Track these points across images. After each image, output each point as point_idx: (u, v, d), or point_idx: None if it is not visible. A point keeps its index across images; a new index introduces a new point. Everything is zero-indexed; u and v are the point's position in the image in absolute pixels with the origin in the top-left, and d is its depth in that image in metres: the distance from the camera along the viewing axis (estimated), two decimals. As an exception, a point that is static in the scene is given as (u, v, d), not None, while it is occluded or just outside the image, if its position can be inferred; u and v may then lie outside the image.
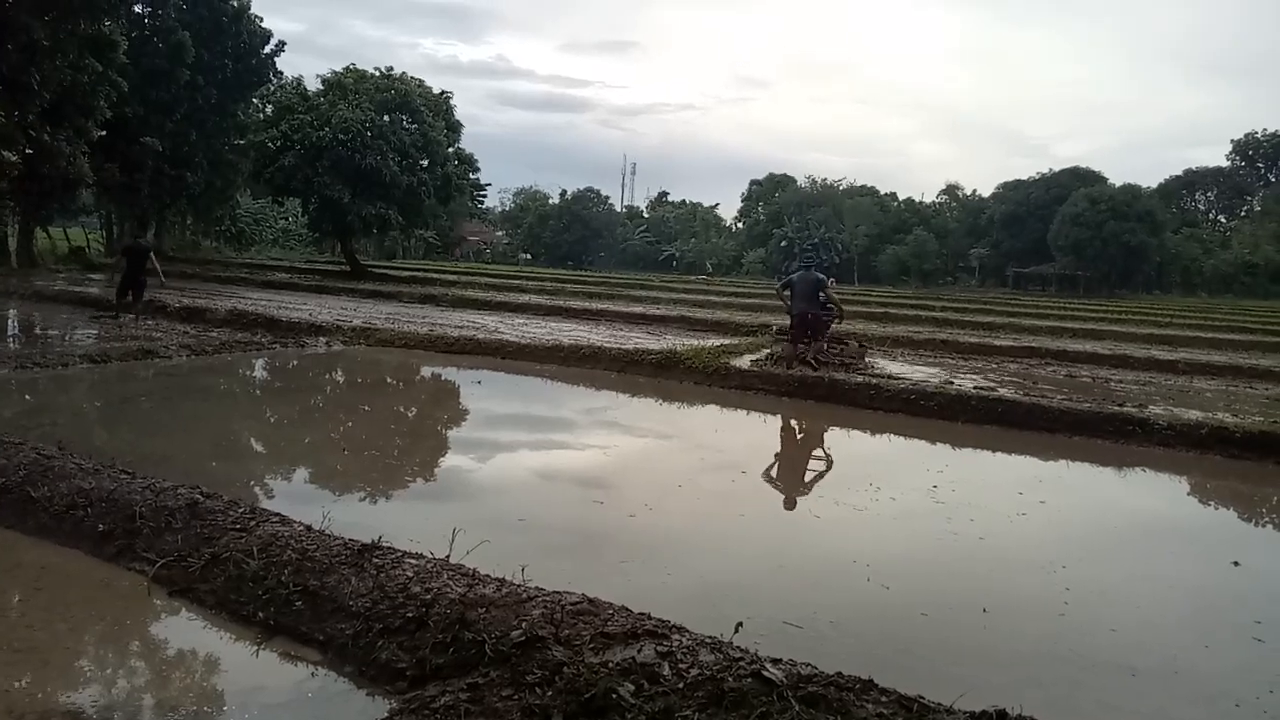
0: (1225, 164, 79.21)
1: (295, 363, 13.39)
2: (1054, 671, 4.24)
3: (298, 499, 6.20)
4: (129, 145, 27.51)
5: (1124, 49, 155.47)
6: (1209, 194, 77.58)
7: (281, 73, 33.32)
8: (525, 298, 26.09)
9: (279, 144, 30.83)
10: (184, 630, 4.14)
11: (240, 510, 4.97)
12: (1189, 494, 8.65)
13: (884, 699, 3.21)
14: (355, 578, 4.13)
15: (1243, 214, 74.84)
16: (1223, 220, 75.65)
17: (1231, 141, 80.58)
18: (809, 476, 8.44)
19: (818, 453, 9.83)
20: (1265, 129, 78.86)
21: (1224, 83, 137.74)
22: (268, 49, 32.33)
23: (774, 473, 8.47)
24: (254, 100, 33.57)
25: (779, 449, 9.90)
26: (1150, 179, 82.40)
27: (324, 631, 3.91)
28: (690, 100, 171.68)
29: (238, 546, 4.48)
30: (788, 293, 12.76)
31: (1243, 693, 4.06)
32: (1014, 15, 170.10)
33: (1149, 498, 8.35)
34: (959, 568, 5.74)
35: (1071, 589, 5.24)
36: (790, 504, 7.30)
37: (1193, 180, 76.17)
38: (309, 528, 4.75)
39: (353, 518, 5.38)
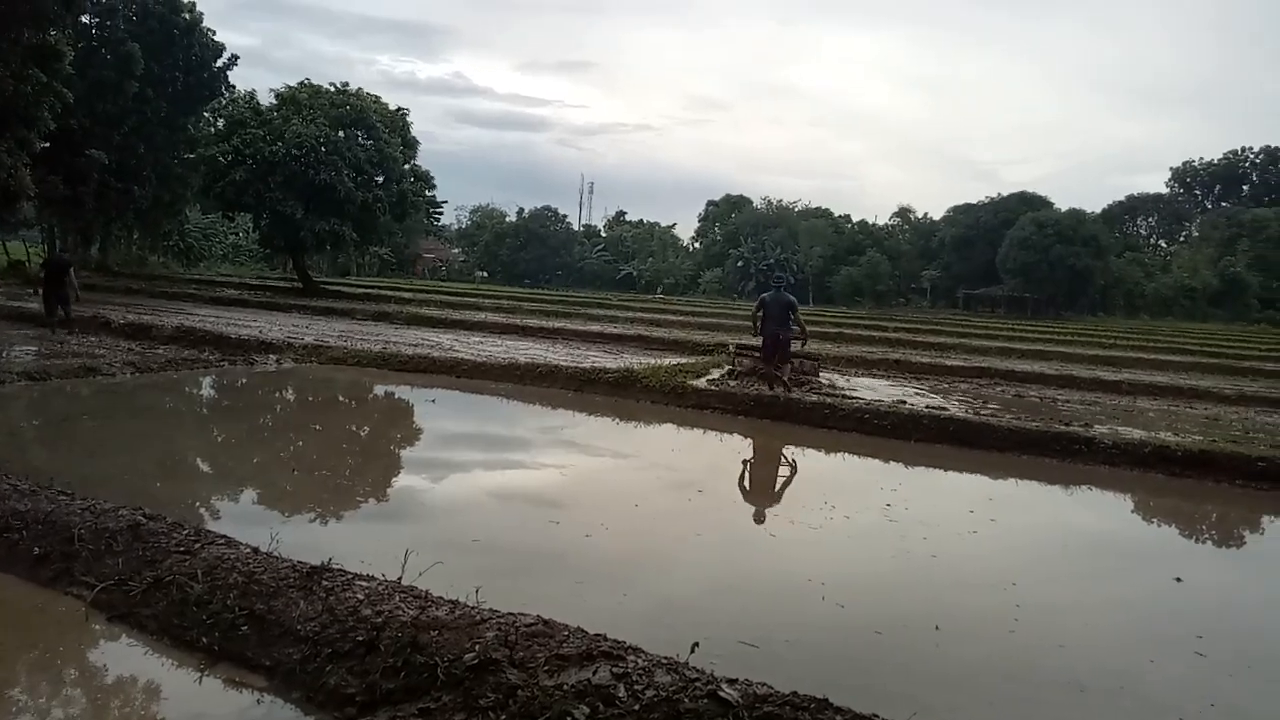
0: (1165, 190, 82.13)
1: (244, 381, 13.12)
2: (1005, 689, 4.30)
3: (245, 520, 6.06)
4: (74, 157, 26.85)
5: (1067, 80, 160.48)
6: (1150, 219, 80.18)
7: (234, 86, 32.86)
8: (481, 316, 25.93)
9: (230, 158, 30.35)
10: (124, 657, 4.00)
11: (185, 532, 4.84)
12: (1133, 511, 8.85)
13: (839, 718, 3.21)
14: (304, 601, 4.03)
15: (1182, 239, 77.41)
16: (1163, 245, 78.17)
17: (1170, 169, 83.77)
18: (769, 491, 8.47)
19: (775, 470, 9.88)
20: (1202, 157, 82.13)
21: (1162, 112, 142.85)
22: (220, 62, 31.87)
23: (730, 491, 8.48)
24: (205, 114, 33.01)
25: (736, 468, 9.93)
26: (1094, 204, 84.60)
27: (271, 657, 3.81)
28: (648, 121, 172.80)
29: (181, 569, 4.35)
30: (760, 314, 12.84)
31: (1186, 707, 4.14)
32: (962, 46, 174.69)
33: (1095, 515, 8.52)
34: (912, 586, 5.80)
35: (1021, 606, 5.32)
36: (747, 523, 7.31)
37: (1134, 206, 78.64)
38: (256, 550, 4.63)
39: (302, 539, 5.27)
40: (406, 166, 34.09)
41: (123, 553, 4.61)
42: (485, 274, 72.64)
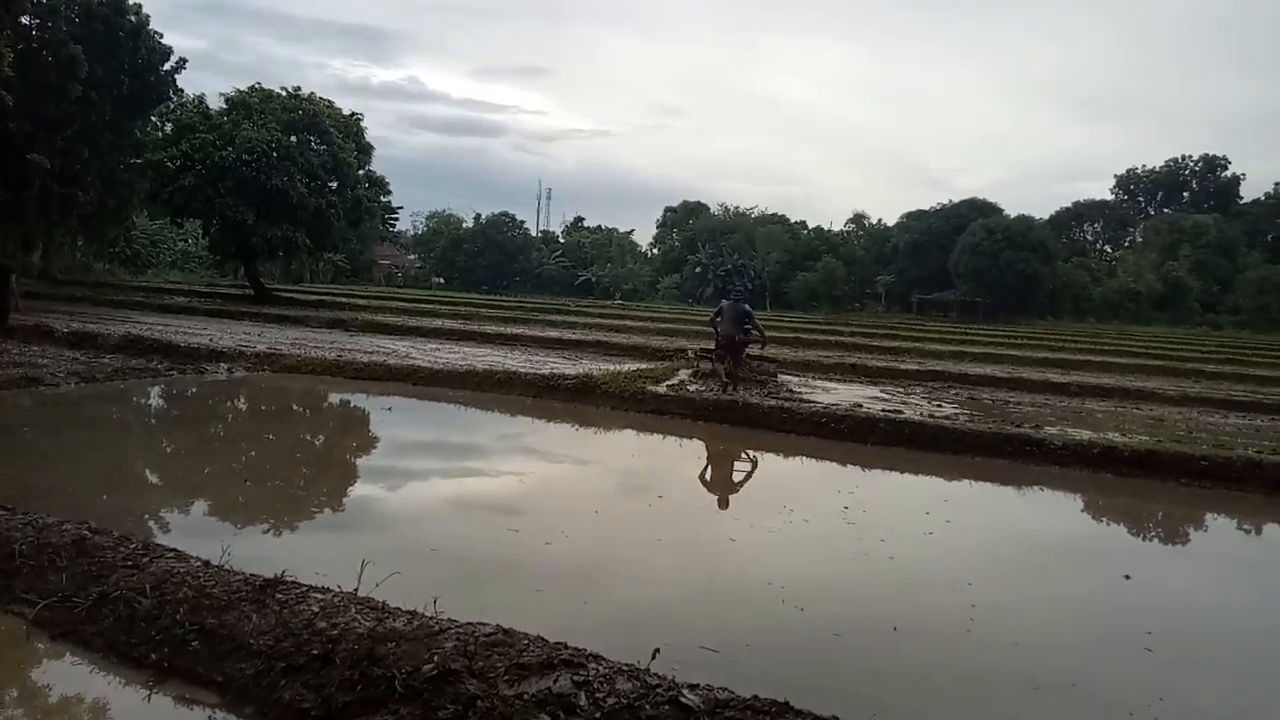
0: (1110, 197, 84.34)
1: (194, 390, 12.84)
2: (962, 688, 4.36)
3: (196, 533, 5.92)
4: (14, 161, 26.08)
5: (1014, 89, 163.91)
6: (1096, 225, 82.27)
7: (182, 90, 32.08)
8: (438, 322, 25.69)
9: (179, 163, 29.70)
10: (68, 675, 3.88)
11: (132, 546, 4.70)
12: (1083, 511, 9.05)
13: (800, 721, 3.23)
14: (257, 615, 3.95)
15: (1126, 244, 79.52)
16: (1109, 250, 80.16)
17: (1114, 176, 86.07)
18: (729, 496, 8.50)
19: (734, 475, 9.92)
20: (1145, 165, 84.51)
21: (1106, 120, 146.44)
22: (167, 66, 31.14)
23: (690, 496, 8.50)
24: (152, 118, 32.26)
25: (695, 473, 9.96)
26: (1042, 210, 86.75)
27: (222, 672, 3.72)
28: (605, 127, 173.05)
29: (128, 585, 4.23)
30: (719, 319, 14.04)
31: (1136, 702, 4.23)
32: (914, 55, 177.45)
33: (1046, 515, 8.70)
34: (870, 588, 5.86)
35: (977, 605, 5.40)
36: (707, 528, 7.33)
37: (1081, 212, 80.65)
38: (207, 563, 4.53)
39: (255, 552, 5.16)
40: (361, 172, 33.66)
41: (66, 568, 4.47)
42: (442, 280, 72.03)
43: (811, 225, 74.97)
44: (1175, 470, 9.55)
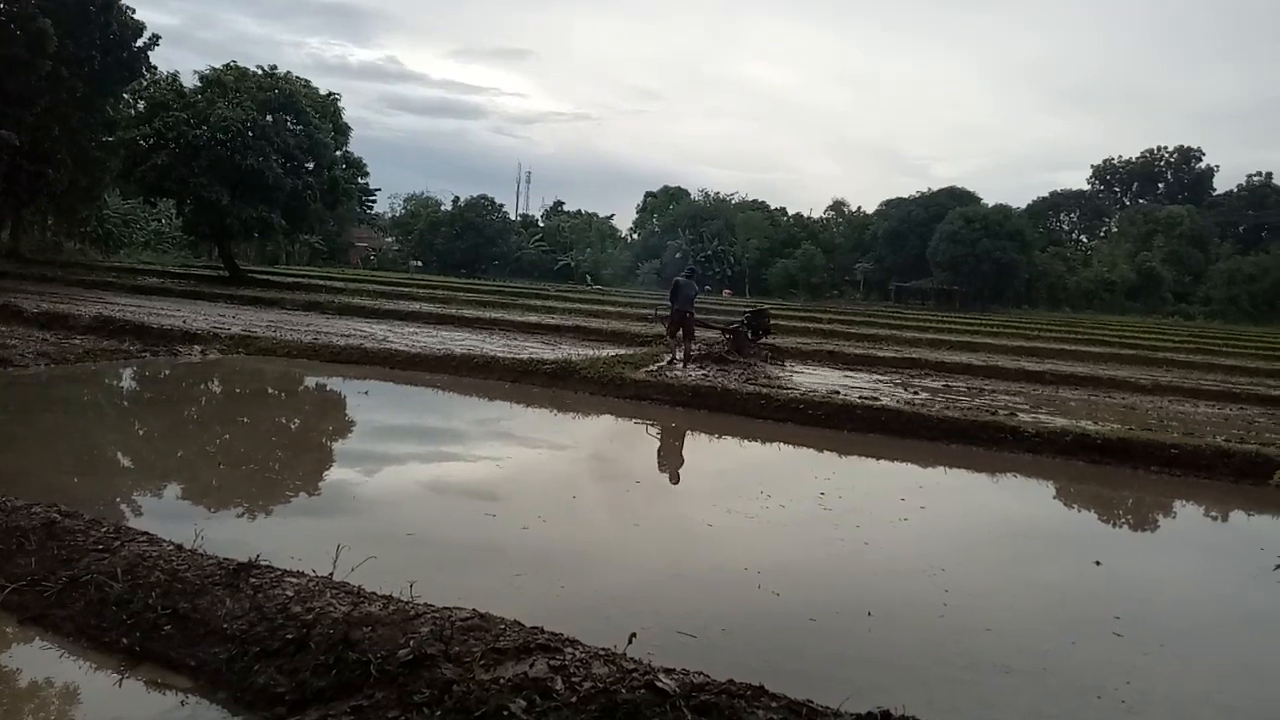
0: (1086, 187, 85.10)
1: (167, 372, 12.69)
2: (935, 671, 4.40)
3: (168, 517, 5.86)
4: (-19, 138, 25.53)
5: (993, 77, 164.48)
6: (1072, 215, 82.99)
7: (155, 67, 31.56)
8: (416, 306, 25.53)
9: (152, 142, 29.22)
10: (37, 660, 3.83)
11: (103, 529, 4.65)
12: (1055, 498, 9.16)
13: (774, 705, 3.25)
14: (230, 599, 3.92)
15: (1102, 234, 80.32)
16: (1084, 240, 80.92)
17: (1091, 166, 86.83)
18: (706, 481, 8.53)
19: (712, 460, 9.95)
20: (1121, 155, 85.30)
21: (1083, 110, 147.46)
22: (140, 42, 30.58)
23: (668, 482, 8.52)
24: (125, 95, 31.69)
25: (674, 459, 9.98)
26: (1019, 200, 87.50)
27: (195, 656, 3.69)
28: (585, 110, 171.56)
29: (100, 568, 4.18)
30: (673, 293, 14.94)
31: (1105, 685, 4.30)
32: (894, 42, 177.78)
33: (1019, 502, 8.81)
34: (846, 573, 5.91)
35: (950, 591, 5.47)
36: (684, 513, 7.35)
37: (1057, 202, 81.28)
38: (180, 547, 4.48)
39: (229, 536, 5.12)
40: (338, 153, 33.31)
41: (36, 552, 4.41)
42: (420, 263, 71.45)
43: (791, 212, 75.16)
44: (1146, 458, 9.69)
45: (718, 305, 34.21)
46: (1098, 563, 6.43)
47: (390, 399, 11.99)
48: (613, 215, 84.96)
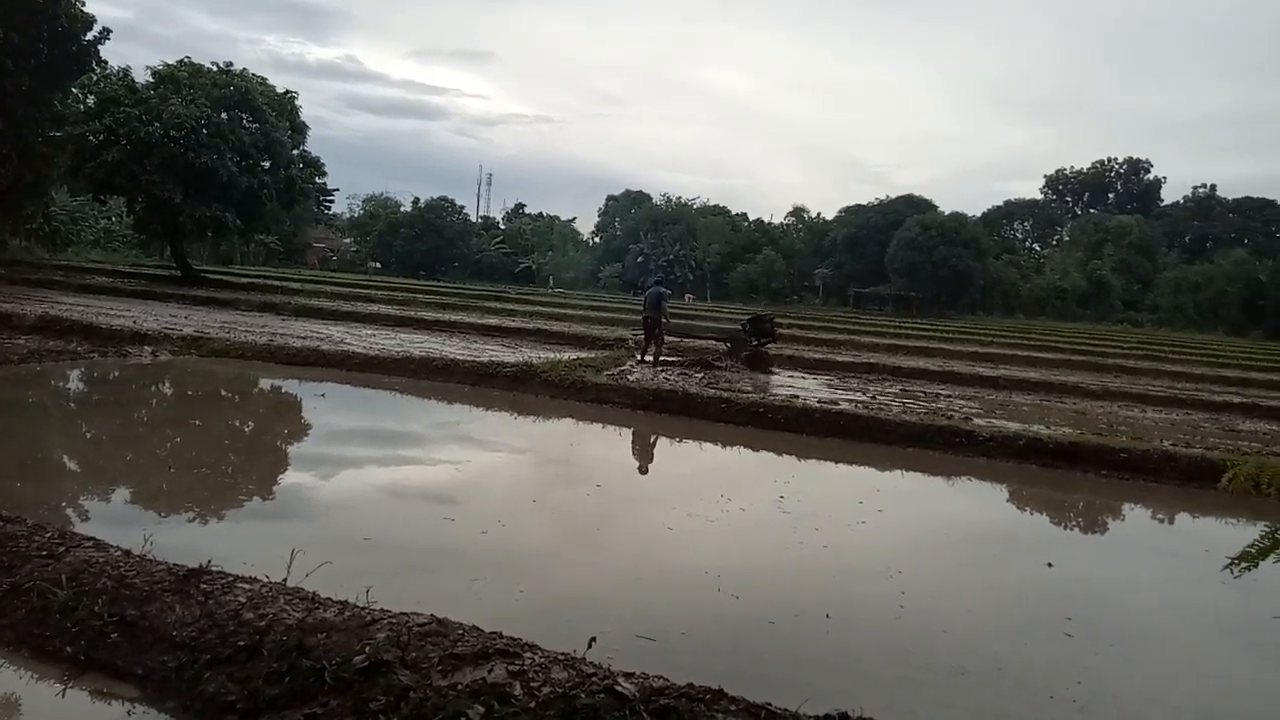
0: (1039, 196, 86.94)
1: (116, 374, 12.38)
2: (892, 672, 4.45)
3: (116, 522, 5.72)
4: (-80, 132, 24.73)
5: (949, 87, 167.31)
6: (1025, 223, 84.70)
7: (106, 62, 30.72)
8: (374, 308, 25.23)
9: (102, 138, 28.50)
10: (-24, 671, 3.71)
11: (47, 535, 4.52)
12: (1009, 501, 9.32)
13: (733, 708, 3.26)
14: (180, 605, 3.83)
15: (1054, 242, 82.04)
16: (1037, 248, 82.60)
17: (1044, 176, 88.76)
18: (667, 485, 8.53)
19: (673, 463, 9.97)
20: (1072, 166, 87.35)
21: (1039, 121, 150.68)
22: (90, 35, 29.77)
23: (629, 486, 8.50)
24: (74, 90, 30.87)
25: (634, 462, 9.97)
26: (975, 208, 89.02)
27: (143, 665, 3.60)
28: (547, 113, 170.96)
29: (43, 575, 4.06)
30: (645, 303, 16.23)
31: (1056, 685, 4.38)
32: (853, 51, 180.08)
33: (975, 505, 8.94)
34: (804, 576, 5.95)
35: (907, 593, 5.53)
36: (644, 517, 7.34)
37: (1011, 210, 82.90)
38: (128, 553, 4.37)
39: (180, 541, 5.01)
40: (295, 152, 32.77)
41: (-25, 558, 4.27)
42: (379, 265, 70.60)
43: (752, 217, 75.66)
44: (1096, 462, 9.91)
45: (682, 310, 34.28)
46: (1050, 565, 6.55)
47: (347, 402, 11.83)
48: (575, 218, 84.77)
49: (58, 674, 3.63)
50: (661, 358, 15.99)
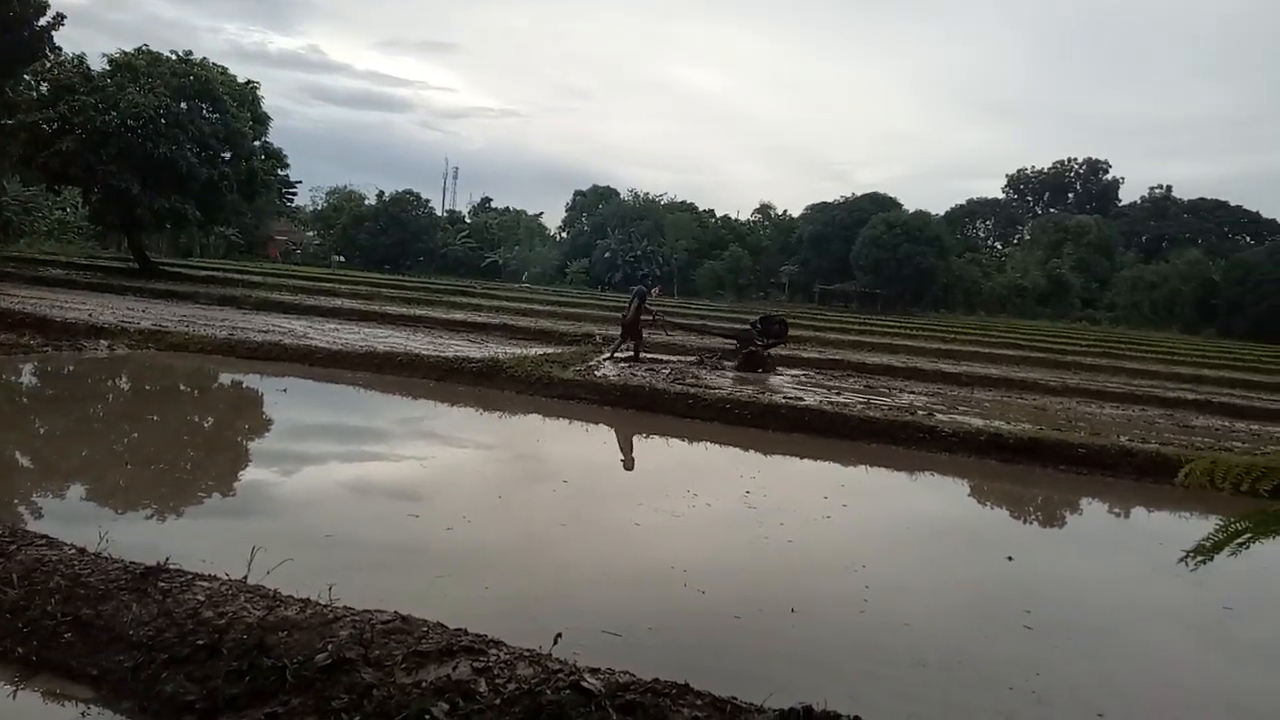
0: (1001, 196, 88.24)
1: (71, 368, 12.10)
2: (855, 665, 4.50)
3: (71, 519, 5.60)
4: None
5: (913, 86, 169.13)
6: (987, 222, 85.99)
7: (60, 48, 30.04)
8: (337, 302, 24.94)
9: (56, 126, 27.80)
10: (-78, 673, 3.61)
11: (-2, 533, 4.41)
12: (970, 495, 9.45)
13: (699, 702, 3.27)
14: (137, 604, 3.75)
15: (1015, 241, 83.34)
16: (999, 246, 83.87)
17: (1006, 176, 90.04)
18: (633, 480, 8.54)
19: (639, 460, 9.97)
20: (1033, 166, 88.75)
21: (1002, 121, 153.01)
22: (44, 20, 29.06)
23: (596, 481, 8.49)
24: (26, 76, 30.11)
25: (601, 458, 9.96)
26: (938, 206, 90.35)
27: (98, 665, 3.52)
28: (514, 107, 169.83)
29: (-7, 574, 3.96)
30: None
31: (1015, 677, 4.46)
32: (821, 49, 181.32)
33: (937, 500, 9.06)
34: (770, 570, 5.98)
35: (870, 587, 5.59)
36: (611, 513, 7.34)
37: (974, 209, 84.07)
38: (83, 551, 4.28)
39: (137, 539, 4.91)
40: (256, 143, 32.23)
41: (-78, 557, 4.15)
42: (342, 258, 69.78)
43: (719, 214, 75.89)
44: (1055, 457, 10.08)
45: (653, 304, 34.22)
46: (1010, 558, 6.66)
47: (310, 397, 11.68)
48: (542, 213, 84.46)
49: (8, 675, 3.54)
50: (623, 353, 15.96)
